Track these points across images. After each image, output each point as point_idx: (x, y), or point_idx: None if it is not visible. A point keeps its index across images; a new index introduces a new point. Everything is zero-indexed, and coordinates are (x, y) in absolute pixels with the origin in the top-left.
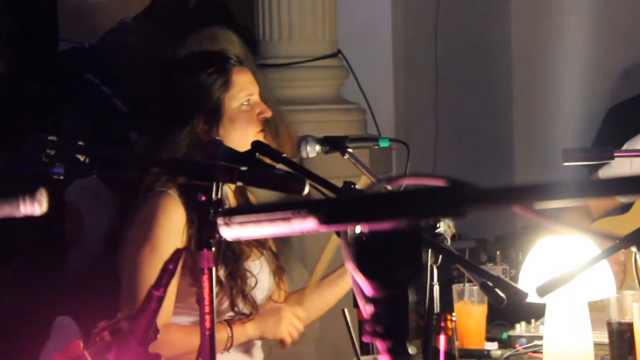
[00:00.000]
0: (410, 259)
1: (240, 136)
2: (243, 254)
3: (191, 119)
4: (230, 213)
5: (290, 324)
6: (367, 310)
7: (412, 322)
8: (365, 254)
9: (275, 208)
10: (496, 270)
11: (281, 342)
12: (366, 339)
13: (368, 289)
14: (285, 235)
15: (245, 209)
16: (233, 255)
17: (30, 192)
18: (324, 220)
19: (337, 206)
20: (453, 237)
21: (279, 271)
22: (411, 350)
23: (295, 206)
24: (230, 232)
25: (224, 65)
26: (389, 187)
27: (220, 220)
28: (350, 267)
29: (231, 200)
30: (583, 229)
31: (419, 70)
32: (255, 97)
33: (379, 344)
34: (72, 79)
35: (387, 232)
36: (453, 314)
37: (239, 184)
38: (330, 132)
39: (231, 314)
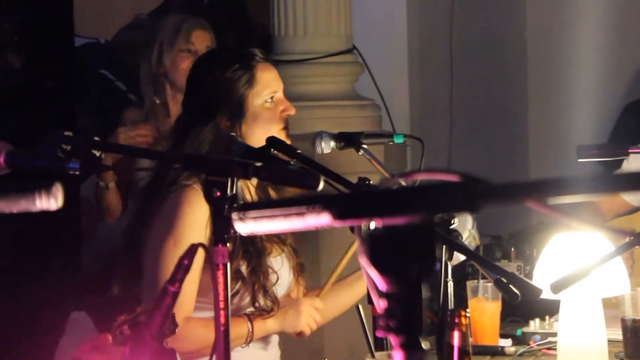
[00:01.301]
0: (423, 254)
1: (263, 133)
2: (265, 250)
3: (214, 116)
4: (245, 208)
5: (309, 316)
6: (380, 305)
7: (426, 318)
8: (379, 250)
9: (290, 203)
10: (511, 266)
11: (300, 333)
12: (380, 334)
13: (381, 284)
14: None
15: (259, 204)
16: (256, 251)
17: (46, 187)
18: (338, 215)
19: (351, 201)
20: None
21: (298, 268)
22: (424, 345)
23: (309, 201)
24: (245, 227)
25: (248, 61)
26: (403, 183)
27: (235, 215)
28: (363, 262)
29: (253, 196)
30: (597, 226)
31: (434, 66)
32: (280, 94)
33: (392, 339)
34: (87, 74)
35: (401, 228)
36: (467, 310)
37: (254, 179)
38: (344, 128)
39: (252, 309)
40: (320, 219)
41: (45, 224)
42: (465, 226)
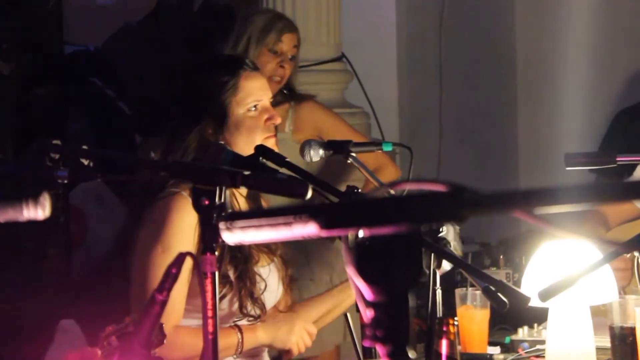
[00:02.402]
0: (410, 263)
1: (246, 142)
2: (252, 257)
3: (198, 122)
4: (232, 217)
5: (300, 337)
6: (367, 314)
7: (415, 326)
8: (366, 259)
9: (277, 213)
10: (499, 274)
11: (287, 352)
12: (367, 343)
13: (368, 294)
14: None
15: (246, 213)
16: (243, 257)
17: (33, 196)
18: (325, 225)
19: (338, 211)
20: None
21: (288, 279)
22: (411, 354)
23: (296, 211)
24: (232, 236)
25: (235, 69)
26: (392, 192)
27: (222, 225)
28: (350, 272)
29: (242, 205)
30: (585, 234)
31: (423, 74)
32: (264, 103)
33: (379, 348)
34: (77, 82)
35: (388, 237)
36: (455, 318)
37: (243, 188)
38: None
39: (240, 316)
40: (307, 229)
41: (33, 231)
42: (447, 238)
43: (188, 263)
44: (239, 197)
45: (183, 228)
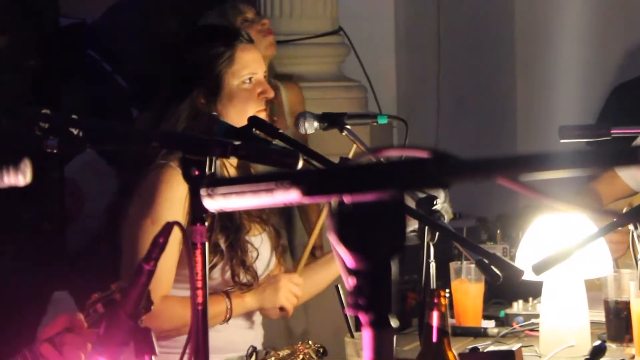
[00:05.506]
0: (393, 231)
1: (238, 114)
2: (243, 227)
3: (191, 91)
4: (214, 184)
5: (288, 291)
6: (350, 282)
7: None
8: (348, 226)
9: (259, 179)
10: (496, 249)
11: (282, 309)
12: (349, 311)
13: (351, 261)
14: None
15: (228, 180)
16: (234, 227)
17: (14, 163)
18: (307, 191)
19: (320, 178)
20: (454, 217)
21: (280, 249)
22: (393, 323)
23: (278, 177)
24: (213, 203)
25: (231, 40)
26: (379, 159)
27: (203, 192)
28: (332, 239)
29: (232, 175)
30: (581, 207)
31: (421, 47)
32: (259, 76)
33: (361, 317)
34: (73, 54)
35: (371, 204)
36: (447, 290)
37: (234, 158)
38: (331, 110)
39: (232, 284)
40: (289, 195)
41: (29, 204)
42: (438, 200)
43: (179, 233)
44: (230, 168)
45: (173, 200)
